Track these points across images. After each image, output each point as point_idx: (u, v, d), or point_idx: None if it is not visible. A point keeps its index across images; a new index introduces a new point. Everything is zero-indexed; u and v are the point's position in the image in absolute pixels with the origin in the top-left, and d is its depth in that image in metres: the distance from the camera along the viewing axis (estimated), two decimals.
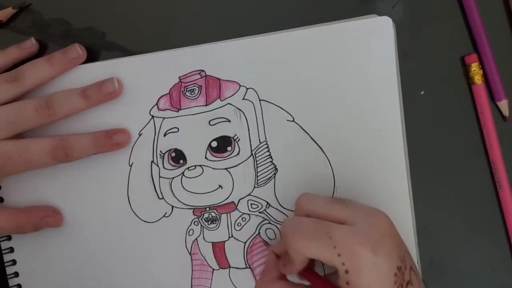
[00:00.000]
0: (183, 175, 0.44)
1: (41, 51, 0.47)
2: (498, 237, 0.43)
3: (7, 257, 0.46)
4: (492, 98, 0.42)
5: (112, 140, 0.44)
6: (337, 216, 0.35)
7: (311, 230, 0.34)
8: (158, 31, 0.46)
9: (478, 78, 0.42)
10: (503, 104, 0.42)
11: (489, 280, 0.43)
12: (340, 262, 0.33)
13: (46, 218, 0.45)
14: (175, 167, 0.44)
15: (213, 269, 0.44)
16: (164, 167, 0.44)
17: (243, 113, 0.43)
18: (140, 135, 0.44)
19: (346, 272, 0.33)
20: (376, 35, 0.41)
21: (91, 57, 0.46)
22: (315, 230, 0.34)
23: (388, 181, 0.41)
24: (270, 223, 0.43)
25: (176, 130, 0.44)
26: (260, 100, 0.43)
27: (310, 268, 0.36)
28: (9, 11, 0.47)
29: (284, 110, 0.43)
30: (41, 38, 0.47)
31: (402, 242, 0.36)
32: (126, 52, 0.46)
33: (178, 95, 0.44)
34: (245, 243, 0.44)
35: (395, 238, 0.34)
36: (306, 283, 0.37)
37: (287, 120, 0.42)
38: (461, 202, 0.43)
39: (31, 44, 0.46)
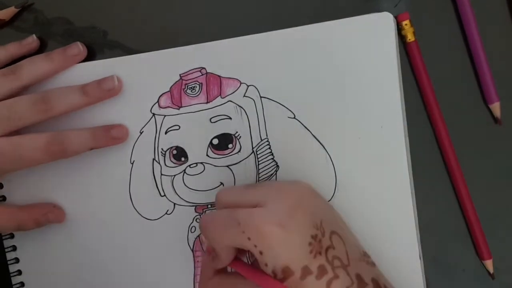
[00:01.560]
0: (184, 172, 0.44)
1: (43, 50, 0.47)
2: (501, 236, 0.43)
3: (10, 255, 0.47)
4: (484, 101, 0.42)
5: (109, 134, 0.43)
6: (249, 201, 0.35)
7: (221, 220, 0.35)
8: (160, 30, 0.46)
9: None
10: (495, 107, 0.42)
11: (495, 277, 0.43)
12: (252, 245, 0.33)
13: (47, 214, 0.45)
14: (177, 165, 0.44)
15: None
16: (165, 164, 0.44)
17: (244, 110, 0.43)
18: (141, 133, 0.44)
19: (261, 253, 0.33)
20: (377, 30, 0.41)
21: (93, 56, 0.46)
22: (224, 219, 0.35)
23: (390, 178, 0.41)
24: None
25: (177, 127, 0.44)
26: (261, 97, 0.43)
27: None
28: (11, 10, 0.47)
29: (285, 107, 0.42)
30: (43, 37, 0.47)
31: (320, 209, 0.36)
32: (128, 51, 0.46)
33: (179, 93, 0.44)
34: None
35: (307, 208, 0.34)
36: None
37: (288, 117, 0.42)
38: None
39: (31, 40, 0.46)
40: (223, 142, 0.43)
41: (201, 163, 0.44)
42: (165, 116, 0.44)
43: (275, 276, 0.33)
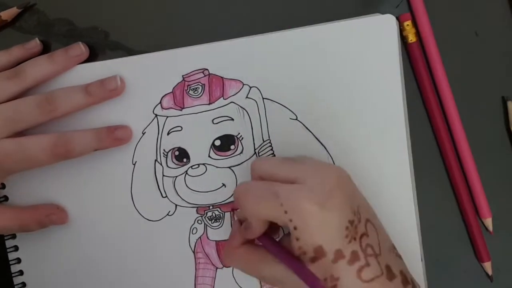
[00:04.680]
0: (186, 173, 0.44)
1: (46, 51, 0.47)
2: (503, 237, 0.43)
3: (12, 256, 0.46)
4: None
5: (114, 135, 0.44)
6: (287, 175, 0.35)
7: (259, 191, 0.35)
8: (162, 31, 0.46)
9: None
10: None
11: (495, 278, 0.43)
12: (288, 219, 0.33)
13: (51, 215, 0.45)
14: (179, 166, 0.44)
15: (217, 268, 0.44)
16: (167, 165, 0.44)
17: (247, 111, 0.43)
18: (143, 133, 0.44)
19: (295, 228, 0.33)
20: (380, 33, 0.41)
21: (95, 57, 0.46)
22: (262, 190, 0.34)
23: (392, 180, 0.41)
24: None
25: (179, 128, 0.44)
26: (263, 98, 0.43)
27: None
28: (13, 11, 0.47)
29: (287, 109, 0.43)
30: (46, 37, 0.47)
31: (357, 195, 0.35)
32: (130, 52, 0.46)
33: (181, 94, 0.44)
34: None
35: (346, 191, 0.34)
36: None
37: (290, 119, 0.42)
38: None
39: (35, 44, 0.46)
40: (225, 144, 0.43)
41: (203, 164, 0.44)
42: (167, 117, 0.44)
43: (304, 254, 0.33)
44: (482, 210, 0.42)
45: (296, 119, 0.42)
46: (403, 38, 0.42)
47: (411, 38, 0.42)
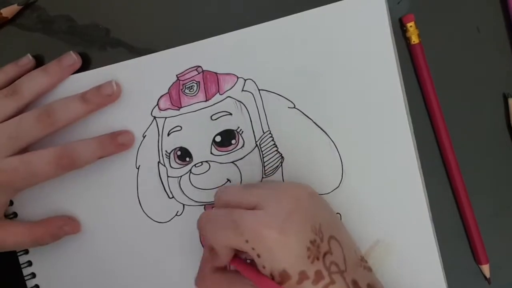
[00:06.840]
0: (190, 172, 0.44)
1: (46, 48, 0.47)
2: (503, 233, 0.42)
3: (26, 271, 0.47)
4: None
5: (117, 141, 0.44)
6: (249, 201, 0.35)
7: (220, 220, 0.35)
8: (163, 27, 0.45)
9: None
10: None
11: (495, 277, 0.42)
12: (250, 248, 0.33)
13: (64, 226, 0.45)
14: (182, 165, 0.44)
15: None
16: (171, 166, 0.44)
17: (244, 104, 0.43)
18: (144, 137, 0.44)
19: (258, 256, 0.33)
20: (369, 13, 0.40)
21: (95, 54, 0.46)
22: (223, 219, 0.35)
23: (396, 157, 0.41)
24: None
25: (179, 128, 0.44)
26: (259, 90, 0.43)
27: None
28: (14, 8, 0.47)
29: (284, 98, 0.42)
30: (46, 34, 0.47)
31: (319, 212, 0.36)
32: (131, 49, 0.46)
33: (177, 94, 0.44)
34: None
35: (306, 212, 0.35)
36: None
37: (288, 107, 0.42)
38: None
39: (28, 61, 0.46)
40: (226, 139, 0.43)
41: (206, 161, 0.43)
42: (166, 118, 0.44)
43: (272, 279, 0.33)
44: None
45: (294, 107, 0.42)
46: (406, 39, 0.42)
47: (414, 39, 0.41)
